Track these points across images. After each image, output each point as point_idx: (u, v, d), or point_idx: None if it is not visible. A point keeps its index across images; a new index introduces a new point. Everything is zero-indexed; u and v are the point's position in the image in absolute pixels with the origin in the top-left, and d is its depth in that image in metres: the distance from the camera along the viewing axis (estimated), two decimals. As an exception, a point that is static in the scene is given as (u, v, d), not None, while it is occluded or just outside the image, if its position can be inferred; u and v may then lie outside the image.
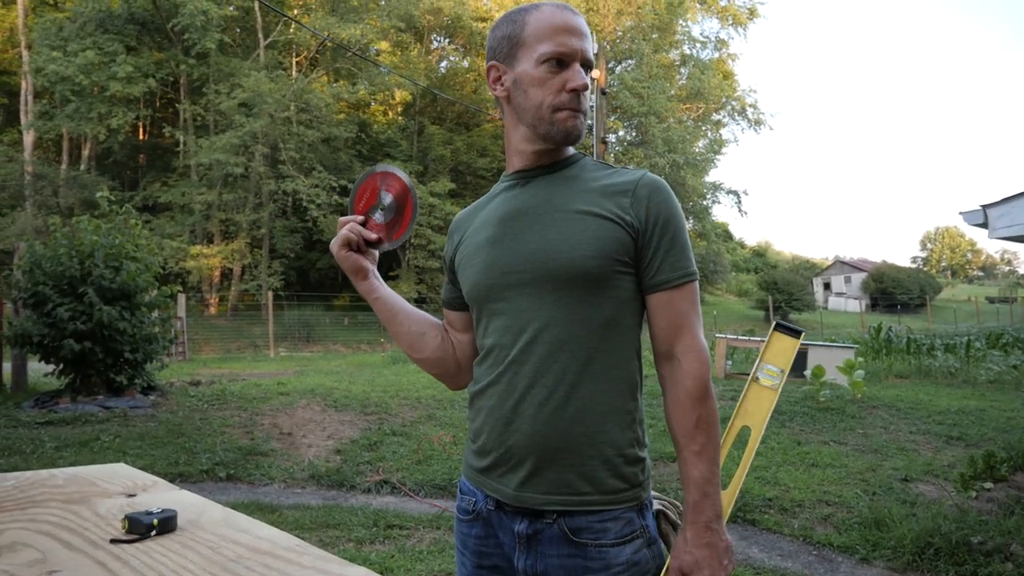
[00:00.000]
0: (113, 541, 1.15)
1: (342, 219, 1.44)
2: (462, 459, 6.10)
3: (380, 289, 1.46)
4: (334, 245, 1.42)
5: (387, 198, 1.43)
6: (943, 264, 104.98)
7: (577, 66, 1.31)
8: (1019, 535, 3.97)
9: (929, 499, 4.93)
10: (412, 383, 10.03)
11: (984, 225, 6.03)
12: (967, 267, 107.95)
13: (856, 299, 50.94)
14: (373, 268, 1.45)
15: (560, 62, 1.31)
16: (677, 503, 1.37)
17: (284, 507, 5.06)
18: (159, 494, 1.46)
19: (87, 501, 1.39)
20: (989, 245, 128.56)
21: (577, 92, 1.30)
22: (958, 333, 22.70)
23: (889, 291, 49.48)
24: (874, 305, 49.00)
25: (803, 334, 1.50)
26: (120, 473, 1.63)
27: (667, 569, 1.26)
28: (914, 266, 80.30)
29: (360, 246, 1.42)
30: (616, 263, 1.27)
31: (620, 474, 1.27)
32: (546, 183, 1.36)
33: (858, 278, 57.33)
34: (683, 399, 1.27)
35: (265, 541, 1.16)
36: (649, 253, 1.29)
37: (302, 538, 1.17)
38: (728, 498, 1.35)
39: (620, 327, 1.29)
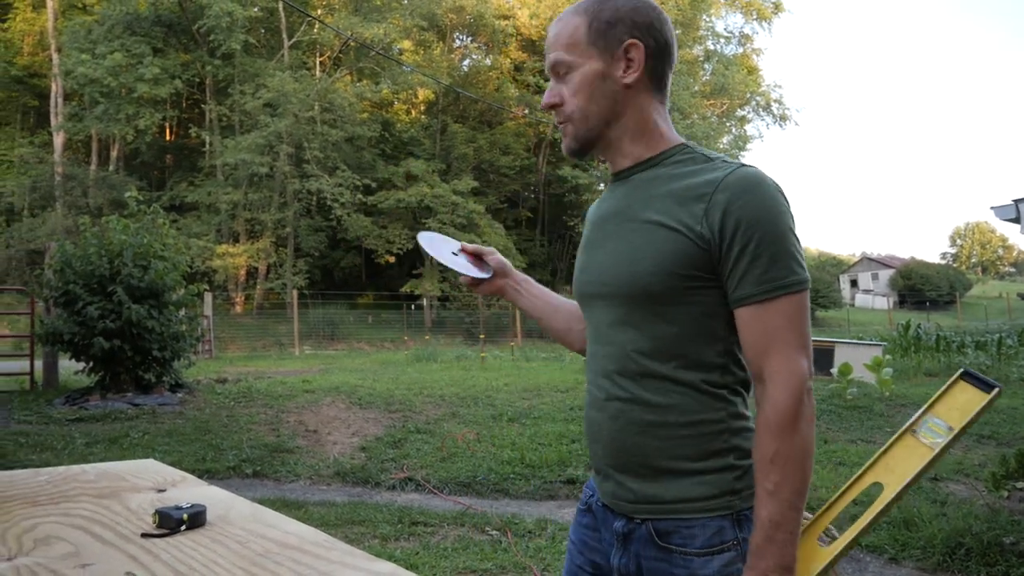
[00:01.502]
0: (144, 535, 1.16)
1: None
2: (487, 456, 6.12)
3: (521, 300, 1.57)
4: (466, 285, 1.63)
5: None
6: (973, 260, 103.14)
7: (550, 82, 1.32)
8: (1053, 536, 3.89)
9: (960, 498, 4.85)
10: (436, 381, 10.07)
11: (1016, 220, 5.92)
12: (998, 263, 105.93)
13: (884, 296, 50.25)
14: (509, 283, 1.58)
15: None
16: (830, 528, 1.22)
17: (310, 504, 5.10)
18: (188, 490, 1.47)
19: (118, 496, 1.41)
20: (1021, 240, 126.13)
21: (546, 110, 1.32)
22: (989, 330, 22.31)
23: (918, 288, 48.75)
24: (902, 302, 48.31)
25: (998, 391, 1.15)
26: (150, 469, 1.65)
27: None
28: (943, 262, 78.96)
29: (475, 282, 1.59)
30: (682, 279, 1.19)
31: (706, 481, 1.21)
32: (632, 186, 1.30)
33: (886, 275, 56.54)
34: (762, 428, 1.15)
35: (293, 536, 1.17)
36: (729, 265, 1.17)
37: (328, 534, 1.18)
38: (820, 557, 1.18)
39: (703, 339, 1.22)
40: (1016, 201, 5.87)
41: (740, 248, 1.15)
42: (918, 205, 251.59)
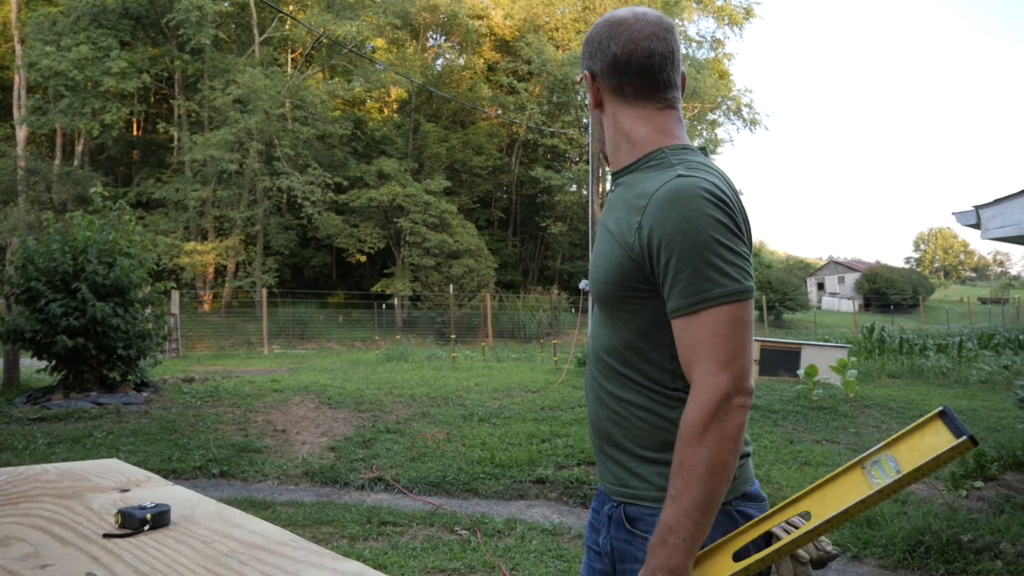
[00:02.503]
0: (106, 536, 1.15)
1: None
2: (457, 456, 6.11)
3: None
4: None
5: None
6: (936, 265, 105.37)
7: None
8: (1008, 533, 3.99)
9: (920, 498, 4.95)
10: (406, 381, 10.04)
11: (977, 226, 6.05)
12: (960, 268, 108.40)
13: (849, 299, 51.10)
14: None
15: None
16: (799, 520, 1.18)
17: (277, 504, 5.06)
18: (153, 489, 1.45)
19: (80, 496, 1.39)
20: (982, 246, 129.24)
21: None
22: (950, 333, 22.82)
23: (882, 291, 49.65)
24: (867, 305, 49.15)
25: (965, 440, 1.02)
26: (113, 468, 1.63)
27: None
28: (907, 267, 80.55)
29: None
30: (624, 289, 1.26)
31: (666, 473, 1.25)
32: (615, 192, 1.39)
33: (852, 278, 57.49)
34: (677, 437, 1.18)
35: (259, 536, 1.16)
36: (659, 278, 1.21)
37: (295, 534, 1.17)
38: (725, 570, 1.16)
39: (650, 345, 1.27)
40: (977, 207, 6.00)
41: (664, 262, 1.19)
42: (884, 210, 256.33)
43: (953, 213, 6.27)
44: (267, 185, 25.42)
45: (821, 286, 61.52)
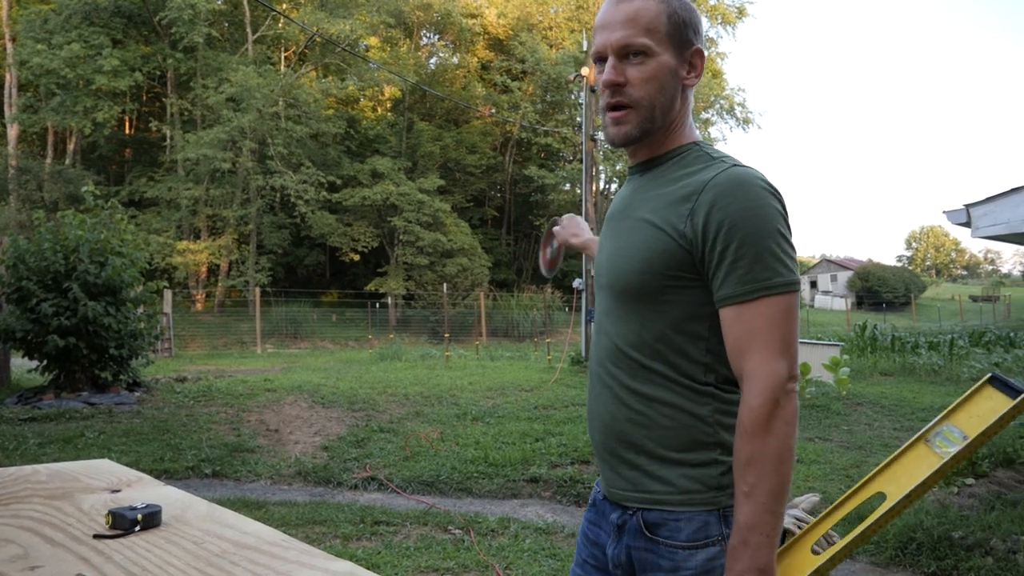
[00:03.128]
0: (96, 536, 1.14)
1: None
2: (451, 455, 6.11)
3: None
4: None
5: (555, 244, 2.08)
6: (928, 263, 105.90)
7: (609, 60, 1.26)
8: (999, 530, 4.02)
9: (912, 495, 4.97)
10: (400, 380, 10.03)
11: (967, 224, 6.09)
12: (951, 266, 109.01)
13: (842, 297, 51.25)
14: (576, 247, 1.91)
15: (601, 60, 1.28)
16: (832, 534, 1.19)
17: (270, 504, 5.04)
18: (144, 490, 1.45)
19: (70, 497, 1.38)
20: (973, 244, 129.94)
21: (607, 88, 1.27)
22: (942, 331, 22.92)
23: (875, 289, 49.86)
24: (860, 303, 49.34)
25: None
26: (104, 469, 1.62)
27: None
28: (899, 265, 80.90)
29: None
30: (666, 278, 1.22)
31: (691, 475, 1.23)
32: (639, 183, 1.34)
33: (844, 276, 57.68)
34: (738, 431, 1.15)
35: (250, 536, 1.16)
36: (712, 265, 1.18)
37: (288, 534, 1.17)
38: (809, 564, 1.16)
39: (684, 337, 1.23)
40: (967, 206, 6.04)
41: (723, 248, 1.16)
42: (876, 209, 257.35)
43: (944, 212, 6.31)
44: (260, 184, 25.34)
45: (814, 284, 61.70)
